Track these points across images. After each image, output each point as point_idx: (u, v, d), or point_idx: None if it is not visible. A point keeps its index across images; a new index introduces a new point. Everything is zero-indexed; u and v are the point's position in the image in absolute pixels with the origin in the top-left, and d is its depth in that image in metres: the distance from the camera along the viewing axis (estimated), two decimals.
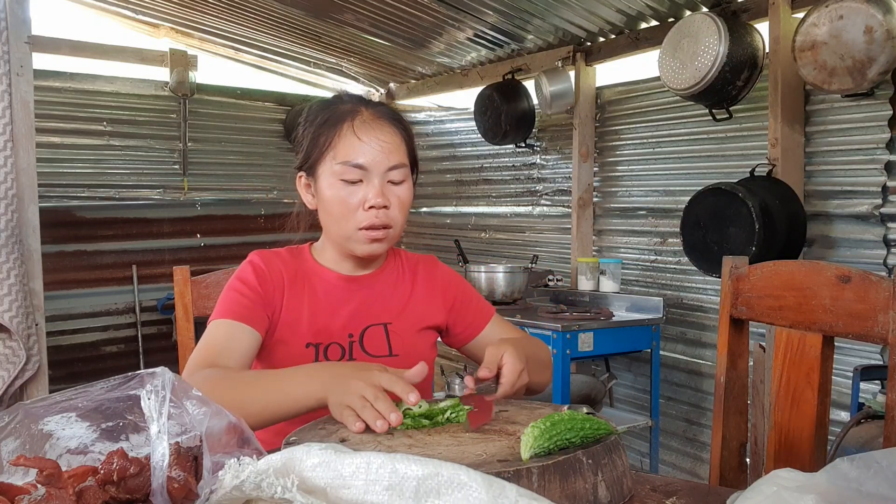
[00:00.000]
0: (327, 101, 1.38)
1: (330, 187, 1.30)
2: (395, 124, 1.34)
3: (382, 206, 1.29)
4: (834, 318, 1.25)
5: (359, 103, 1.34)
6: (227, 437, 0.77)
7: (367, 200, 1.28)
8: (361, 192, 1.29)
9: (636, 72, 3.47)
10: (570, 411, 0.92)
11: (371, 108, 1.34)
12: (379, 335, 1.37)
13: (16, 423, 0.79)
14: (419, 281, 1.45)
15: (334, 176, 1.30)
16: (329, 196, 1.31)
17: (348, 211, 1.30)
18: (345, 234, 1.32)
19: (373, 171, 1.29)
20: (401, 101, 4.90)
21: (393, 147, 1.31)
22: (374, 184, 1.29)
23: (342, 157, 1.29)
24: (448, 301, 1.46)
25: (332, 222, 1.34)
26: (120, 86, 4.12)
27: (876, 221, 2.58)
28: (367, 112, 1.32)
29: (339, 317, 1.36)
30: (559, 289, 3.59)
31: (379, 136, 1.30)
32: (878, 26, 2.23)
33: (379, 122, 1.32)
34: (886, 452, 0.76)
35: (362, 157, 1.28)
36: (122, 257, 4.13)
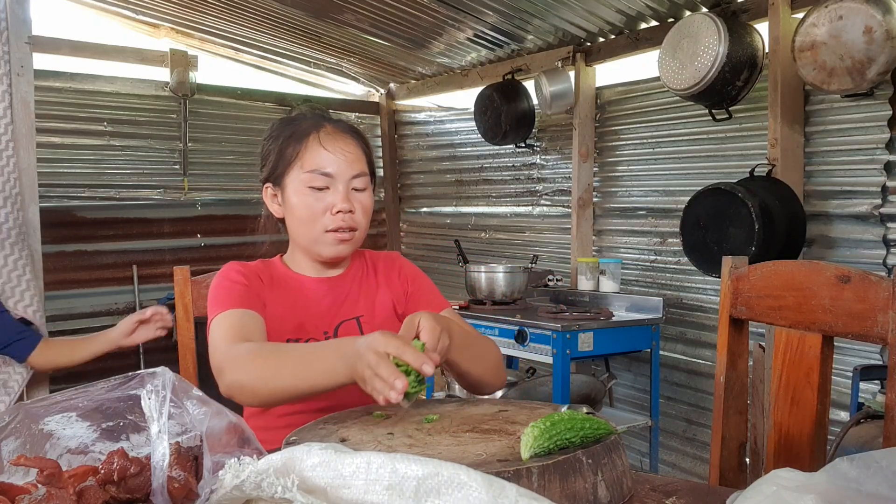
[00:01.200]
0: (290, 117, 1.50)
1: (297, 194, 1.40)
2: (355, 137, 1.46)
3: (348, 211, 1.39)
4: (833, 318, 1.25)
5: (321, 119, 1.46)
6: (227, 436, 0.77)
7: (334, 205, 1.39)
8: (328, 198, 1.39)
9: (636, 72, 3.47)
10: (570, 411, 0.93)
11: (333, 123, 1.46)
12: (352, 328, 1.45)
13: (16, 423, 0.79)
14: (380, 274, 1.54)
15: (302, 183, 1.40)
16: (297, 202, 1.41)
17: (316, 215, 1.40)
18: (312, 238, 1.42)
19: (338, 179, 1.39)
20: (401, 101, 4.90)
21: (355, 157, 1.42)
22: (340, 190, 1.39)
23: (309, 165, 1.39)
24: (405, 291, 1.55)
25: (300, 227, 1.43)
26: (120, 86, 4.12)
27: (875, 221, 2.58)
28: (329, 126, 1.44)
29: (313, 315, 1.44)
30: (559, 289, 3.59)
31: (342, 146, 1.41)
32: (877, 26, 2.23)
33: (342, 134, 1.43)
34: (886, 452, 0.76)
35: (328, 166, 1.39)
36: (123, 257, 4.12)
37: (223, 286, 1.39)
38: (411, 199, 4.95)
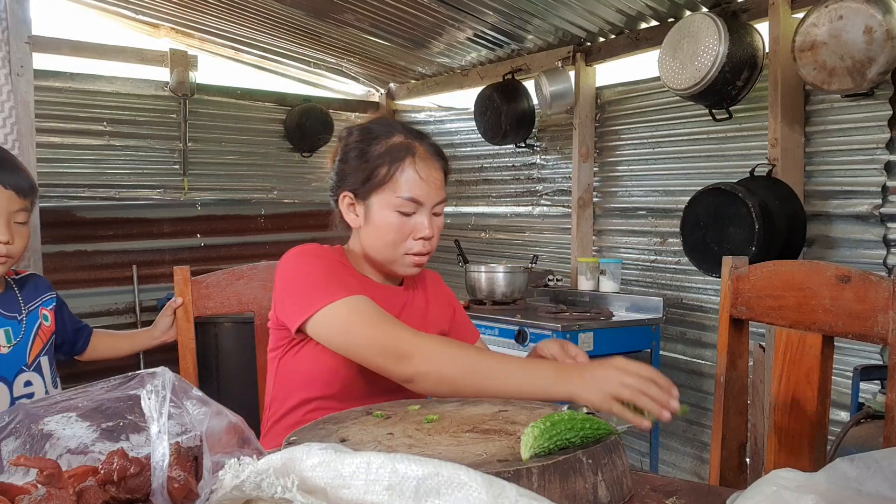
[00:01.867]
0: (377, 130, 1.46)
1: (384, 215, 1.41)
2: (441, 161, 1.47)
3: (430, 237, 1.43)
4: (834, 318, 1.25)
5: (414, 138, 1.45)
6: (227, 437, 0.77)
7: (417, 231, 1.42)
8: (412, 223, 1.42)
9: (636, 72, 3.47)
10: (570, 411, 0.92)
11: (424, 143, 1.45)
12: None
13: (16, 423, 0.79)
14: (430, 293, 1.58)
15: (391, 206, 1.41)
16: (383, 223, 1.41)
17: (401, 239, 1.42)
18: (391, 258, 1.44)
19: (425, 205, 1.42)
20: (401, 101, 4.90)
21: (441, 183, 1.45)
22: (425, 216, 1.42)
23: (403, 191, 1.40)
24: (450, 313, 1.59)
25: (380, 245, 1.44)
26: (120, 86, 4.12)
27: (876, 221, 2.58)
28: (421, 148, 1.43)
29: None
30: (559, 289, 3.59)
31: (433, 173, 1.43)
32: (877, 26, 2.23)
33: (432, 159, 1.44)
34: (886, 452, 0.76)
35: (420, 194, 1.41)
36: (122, 257, 4.12)
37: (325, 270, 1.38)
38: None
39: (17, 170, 1.63)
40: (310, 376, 1.40)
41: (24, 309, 1.69)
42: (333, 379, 1.38)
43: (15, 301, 1.69)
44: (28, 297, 1.71)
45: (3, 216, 1.57)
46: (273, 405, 1.46)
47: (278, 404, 1.45)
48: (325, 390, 1.39)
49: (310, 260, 1.41)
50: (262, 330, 1.76)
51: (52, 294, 1.78)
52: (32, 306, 1.71)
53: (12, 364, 1.63)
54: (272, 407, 1.47)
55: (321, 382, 1.39)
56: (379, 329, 1.28)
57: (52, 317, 1.75)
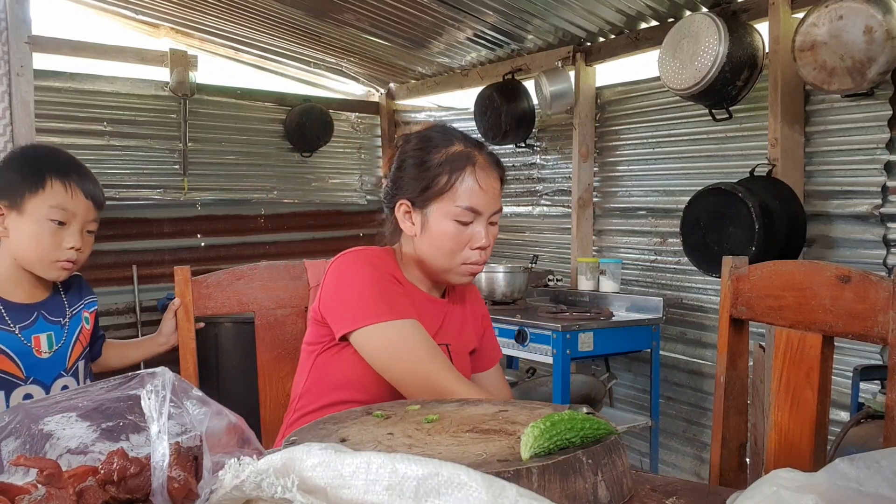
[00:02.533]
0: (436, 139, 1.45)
1: (443, 224, 1.40)
2: (500, 171, 1.47)
3: (487, 247, 1.42)
4: (834, 318, 1.25)
5: (473, 147, 1.45)
6: (227, 437, 0.77)
7: (475, 240, 1.41)
8: (469, 231, 1.41)
9: (636, 72, 3.47)
10: (570, 411, 0.92)
11: (483, 153, 1.45)
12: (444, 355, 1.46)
13: (16, 423, 0.79)
14: (467, 306, 1.58)
15: (450, 216, 1.40)
16: (441, 233, 1.41)
17: (458, 248, 1.41)
18: (446, 267, 1.43)
19: (484, 215, 1.41)
20: (401, 101, 4.90)
21: (498, 193, 1.45)
22: (483, 226, 1.41)
23: (463, 201, 1.39)
24: (481, 330, 1.59)
25: (438, 254, 1.43)
26: (120, 86, 4.12)
27: (876, 221, 2.58)
28: (481, 157, 1.43)
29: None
30: (559, 289, 3.59)
31: (492, 183, 1.42)
32: (877, 26, 2.23)
33: (491, 168, 1.44)
34: (886, 452, 0.76)
35: (479, 203, 1.40)
36: (122, 257, 4.12)
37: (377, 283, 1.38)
38: None
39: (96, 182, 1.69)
40: (347, 380, 1.42)
41: (68, 313, 1.69)
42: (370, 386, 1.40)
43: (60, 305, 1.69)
44: (72, 300, 1.71)
45: (79, 224, 1.60)
46: (304, 398, 1.47)
47: (310, 398, 1.45)
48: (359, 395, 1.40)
49: (367, 270, 1.40)
50: (262, 330, 1.76)
51: (94, 297, 1.78)
52: (76, 310, 1.71)
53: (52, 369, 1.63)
54: (303, 399, 1.47)
55: (358, 387, 1.41)
56: (422, 365, 1.31)
57: (91, 320, 1.75)
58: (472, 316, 1.58)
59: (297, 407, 1.48)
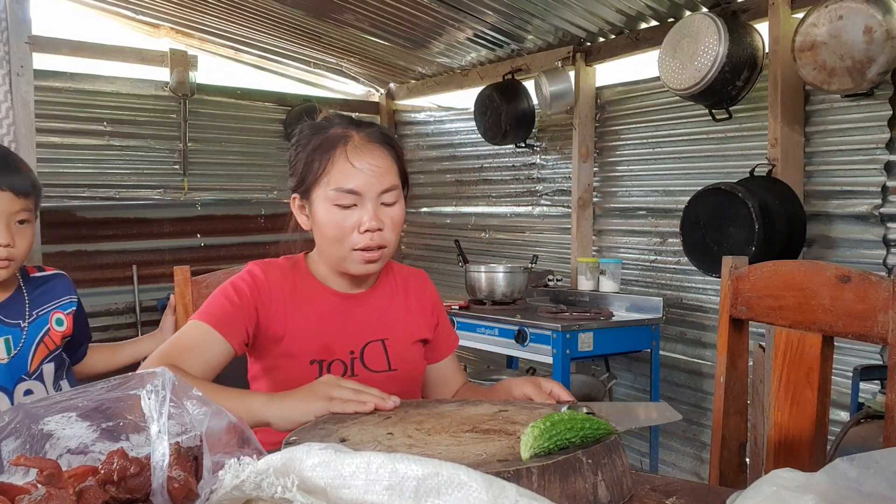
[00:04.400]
0: (318, 123, 1.41)
1: (324, 211, 1.34)
2: (385, 147, 1.37)
3: (377, 229, 1.33)
4: (834, 317, 1.25)
5: (349, 126, 1.37)
6: (227, 437, 0.77)
7: (361, 224, 1.32)
8: (356, 216, 1.33)
9: (636, 72, 3.47)
10: (570, 411, 0.92)
11: (362, 131, 1.37)
12: (378, 351, 1.41)
13: (16, 423, 0.79)
14: (411, 295, 1.50)
15: (328, 201, 1.33)
16: (324, 220, 1.34)
17: (343, 234, 1.33)
18: (340, 255, 1.36)
19: (366, 196, 1.32)
20: (401, 101, 4.90)
21: (384, 170, 1.34)
22: (368, 208, 1.32)
23: (336, 183, 1.32)
24: (434, 319, 1.52)
25: (327, 244, 1.37)
26: (120, 86, 4.12)
27: (876, 221, 2.58)
28: (357, 136, 1.35)
29: (339, 334, 1.39)
30: (559, 289, 3.59)
31: (370, 160, 1.33)
32: (877, 26, 2.23)
33: (370, 146, 1.35)
34: (886, 452, 0.76)
35: (355, 183, 1.32)
36: (122, 257, 4.12)
37: (224, 293, 1.35)
38: (411, 198, 4.89)
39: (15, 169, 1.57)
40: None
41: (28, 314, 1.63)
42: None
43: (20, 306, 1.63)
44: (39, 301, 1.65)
45: (3, 218, 1.52)
46: None
47: None
48: None
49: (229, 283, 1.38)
50: None
51: (73, 297, 1.71)
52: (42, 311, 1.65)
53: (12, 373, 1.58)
54: None
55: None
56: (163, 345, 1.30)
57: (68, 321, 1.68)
58: (418, 306, 1.50)
59: None
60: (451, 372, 1.54)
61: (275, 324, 1.36)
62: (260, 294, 1.36)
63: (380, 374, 1.39)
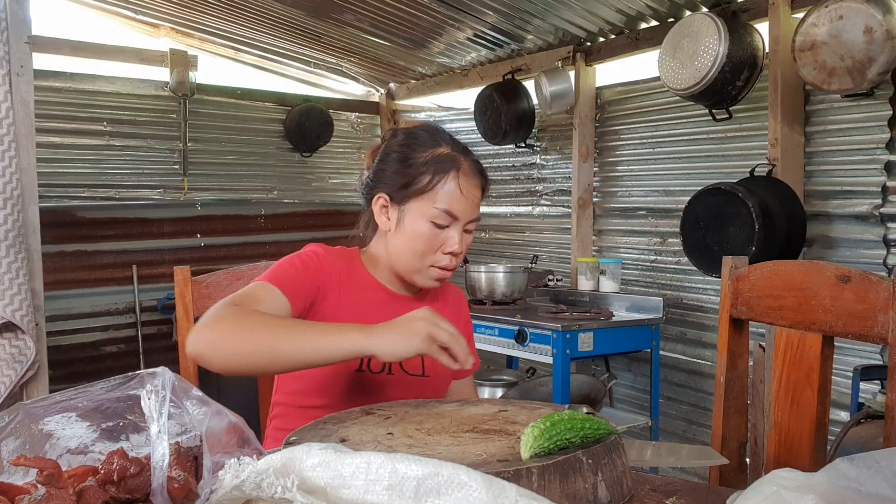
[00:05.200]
0: (423, 137, 1.43)
1: (418, 224, 1.38)
2: (482, 180, 1.45)
3: (458, 253, 1.40)
4: (834, 318, 1.25)
5: (457, 150, 1.43)
6: (227, 437, 0.77)
7: (448, 245, 1.39)
8: (443, 236, 1.39)
9: (636, 72, 3.47)
10: (570, 411, 0.92)
11: (469, 159, 1.43)
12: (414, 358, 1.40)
13: (16, 423, 0.79)
14: (449, 310, 1.53)
15: (426, 216, 1.38)
16: (416, 232, 1.38)
17: (430, 250, 1.39)
18: (415, 268, 1.40)
19: (460, 221, 1.39)
20: (401, 101, 4.90)
21: (478, 202, 1.43)
22: (458, 231, 1.39)
23: (443, 203, 1.37)
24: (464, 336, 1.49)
25: (407, 253, 1.40)
26: (120, 86, 4.12)
27: (876, 221, 2.58)
28: (466, 164, 1.41)
29: None
30: (559, 289, 3.58)
31: (474, 191, 1.41)
32: (877, 26, 2.23)
33: (475, 176, 1.43)
34: (886, 452, 0.76)
35: (459, 208, 1.38)
36: (122, 257, 4.12)
37: (290, 262, 1.36)
38: None
39: None
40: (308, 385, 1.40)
41: None
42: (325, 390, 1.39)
43: None
44: None
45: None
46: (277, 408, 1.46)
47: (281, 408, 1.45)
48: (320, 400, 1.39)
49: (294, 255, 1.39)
50: None
51: None
52: None
53: None
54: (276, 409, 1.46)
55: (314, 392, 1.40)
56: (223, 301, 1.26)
57: None
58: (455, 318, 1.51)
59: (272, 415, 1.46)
60: (466, 391, 1.58)
61: (328, 304, 1.37)
62: (322, 271, 1.38)
63: (414, 377, 1.42)
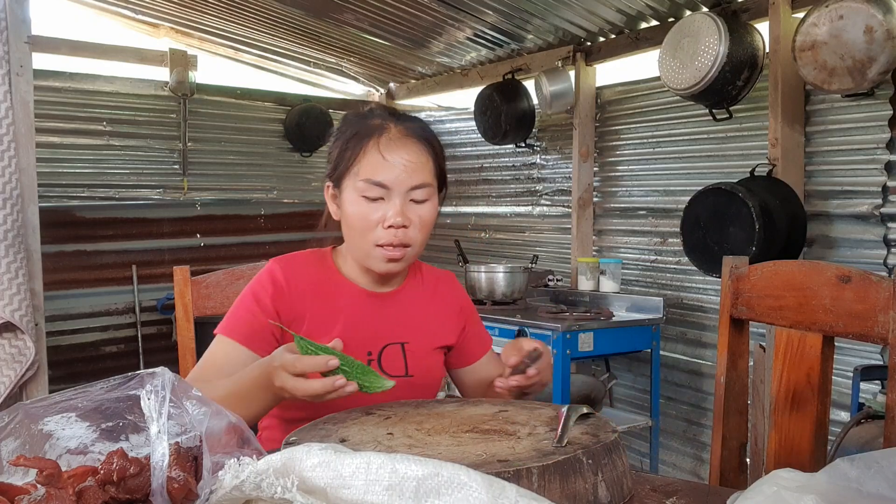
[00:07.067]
0: (359, 113, 1.38)
1: (352, 203, 1.31)
2: (422, 142, 1.33)
3: (401, 226, 1.29)
4: (834, 318, 1.25)
5: (389, 118, 1.34)
6: (226, 437, 0.77)
7: (386, 219, 1.29)
8: (381, 210, 1.29)
9: (636, 72, 3.47)
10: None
11: (400, 123, 1.33)
12: (396, 355, 1.37)
13: (16, 423, 0.79)
14: (437, 299, 1.46)
15: (357, 192, 1.30)
16: (351, 211, 1.31)
17: (367, 227, 1.30)
18: (363, 250, 1.33)
19: (394, 190, 1.29)
20: (401, 101, 4.90)
21: (418, 166, 1.31)
22: (395, 203, 1.29)
23: (365, 174, 1.29)
24: (461, 323, 1.48)
25: (351, 235, 1.35)
26: (120, 86, 4.12)
27: (876, 221, 2.58)
28: (394, 129, 1.32)
29: (359, 333, 1.35)
30: (559, 289, 3.59)
31: (404, 154, 1.29)
32: (878, 26, 2.23)
33: (406, 139, 1.31)
34: (886, 452, 0.76)
35: (384, 176, 1.28)
36: (122, 257, 4.13)
37: (245, 304, 1.34)
38: None
39: None
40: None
41: None
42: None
43: None
44: None
45: None
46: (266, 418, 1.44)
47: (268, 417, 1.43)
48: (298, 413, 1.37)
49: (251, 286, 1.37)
50: None
51: None
52: None
53: None
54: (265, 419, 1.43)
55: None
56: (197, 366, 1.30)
57: None
58: (444, 310, 1.46)
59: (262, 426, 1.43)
60: (488, 371, 1.47)
61: (296, 320, 1.34)
62: (281, 297, 1.34)
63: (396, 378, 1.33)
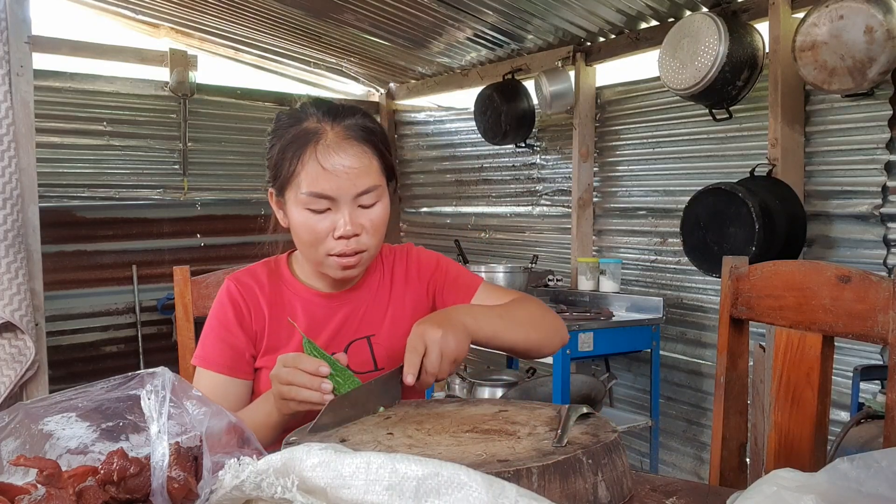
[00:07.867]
0: (293, 112, 1.30)
1: (298, 214, 1.25)
2: (363, 143, 1.24)
3: (353, 235, 1.24)
4: (834, 318, 1.25)
5: (324, 118, 1.25)
6: (227, 437, 0.77)
7: (335, 229, 1.23)
8: (330, 220, 1.23)
9: (636, 72, 3.47)
10: None
11: (337, 125, 1.25)
12: (363, 349, 1.35)
13: (16, 423, 0.79)
14: (397, 279, 1.41)
15: (301, 204, 1.24)
16: (298, 223, 1.26)
17: (318, 239, 1.25)
18: (316, 259, 1.29)
19: (340, 200, 1.22)
20: (401, 101, 4.90)
21: (361, 171, 1.23)
22: (343, 212, 1.22)
23: (307, 186, 1.22)
24: (431, 287, 1.42)
25: (301, 246, 1.31)
26: (120, 86, 4.12)
27: (876, 221, 2.58)
28: (331, 133, 1.23)
29: (321, 337, 1.33)
30: (559, 289, 3.59)
31: (345, 161, 1.22)
32: (878, 26, 2.23)
33: (344, 143, 1.23)
34: (886, 452, 0.76)
35: (327, 187, 1.21)
36: (122, 257, 4.13)
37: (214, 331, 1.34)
38: (411, 199, 4.95)
39: None
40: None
41: None
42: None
43: None
44: None
45: None
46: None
47: None
48: None
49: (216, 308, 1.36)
50: None
51: None
52: None
53: None
54: None
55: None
56: None
57: None
58: (406, 287, 1.40)
59: None
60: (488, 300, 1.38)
61: (258, 335, 1.34)
62: (241, 317, 1.33)
63: (365, 374, 1.32)
